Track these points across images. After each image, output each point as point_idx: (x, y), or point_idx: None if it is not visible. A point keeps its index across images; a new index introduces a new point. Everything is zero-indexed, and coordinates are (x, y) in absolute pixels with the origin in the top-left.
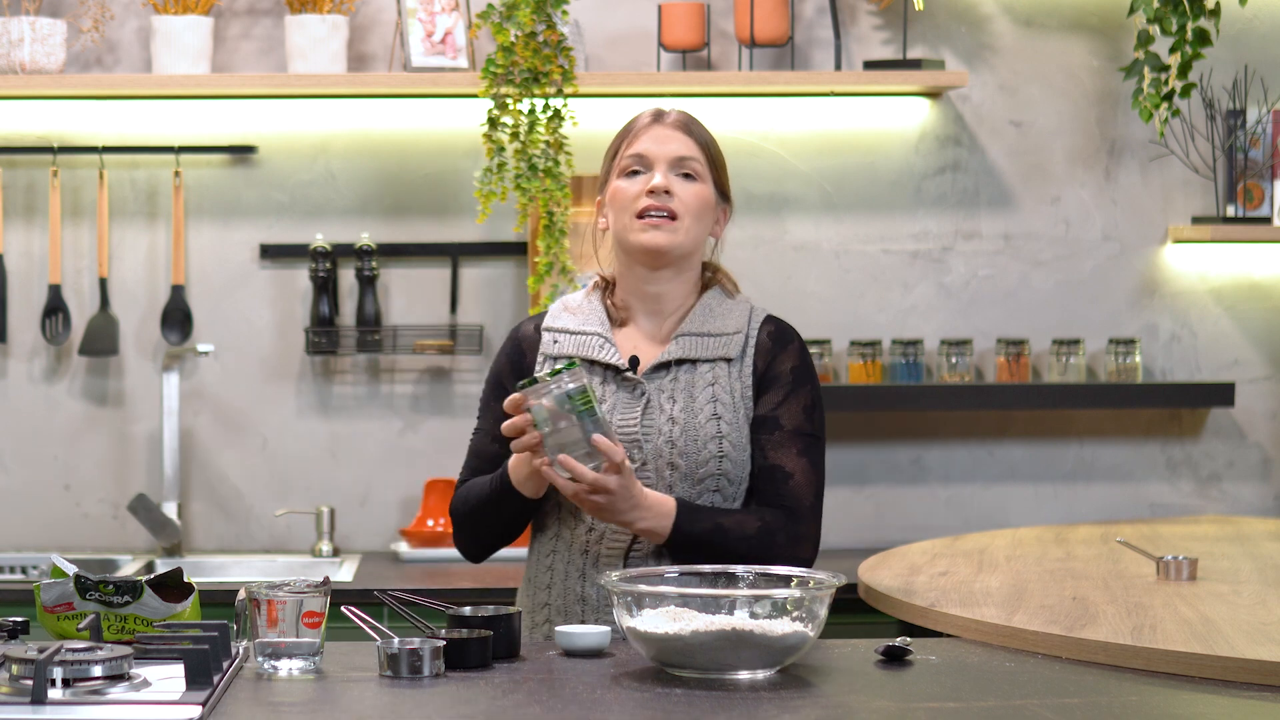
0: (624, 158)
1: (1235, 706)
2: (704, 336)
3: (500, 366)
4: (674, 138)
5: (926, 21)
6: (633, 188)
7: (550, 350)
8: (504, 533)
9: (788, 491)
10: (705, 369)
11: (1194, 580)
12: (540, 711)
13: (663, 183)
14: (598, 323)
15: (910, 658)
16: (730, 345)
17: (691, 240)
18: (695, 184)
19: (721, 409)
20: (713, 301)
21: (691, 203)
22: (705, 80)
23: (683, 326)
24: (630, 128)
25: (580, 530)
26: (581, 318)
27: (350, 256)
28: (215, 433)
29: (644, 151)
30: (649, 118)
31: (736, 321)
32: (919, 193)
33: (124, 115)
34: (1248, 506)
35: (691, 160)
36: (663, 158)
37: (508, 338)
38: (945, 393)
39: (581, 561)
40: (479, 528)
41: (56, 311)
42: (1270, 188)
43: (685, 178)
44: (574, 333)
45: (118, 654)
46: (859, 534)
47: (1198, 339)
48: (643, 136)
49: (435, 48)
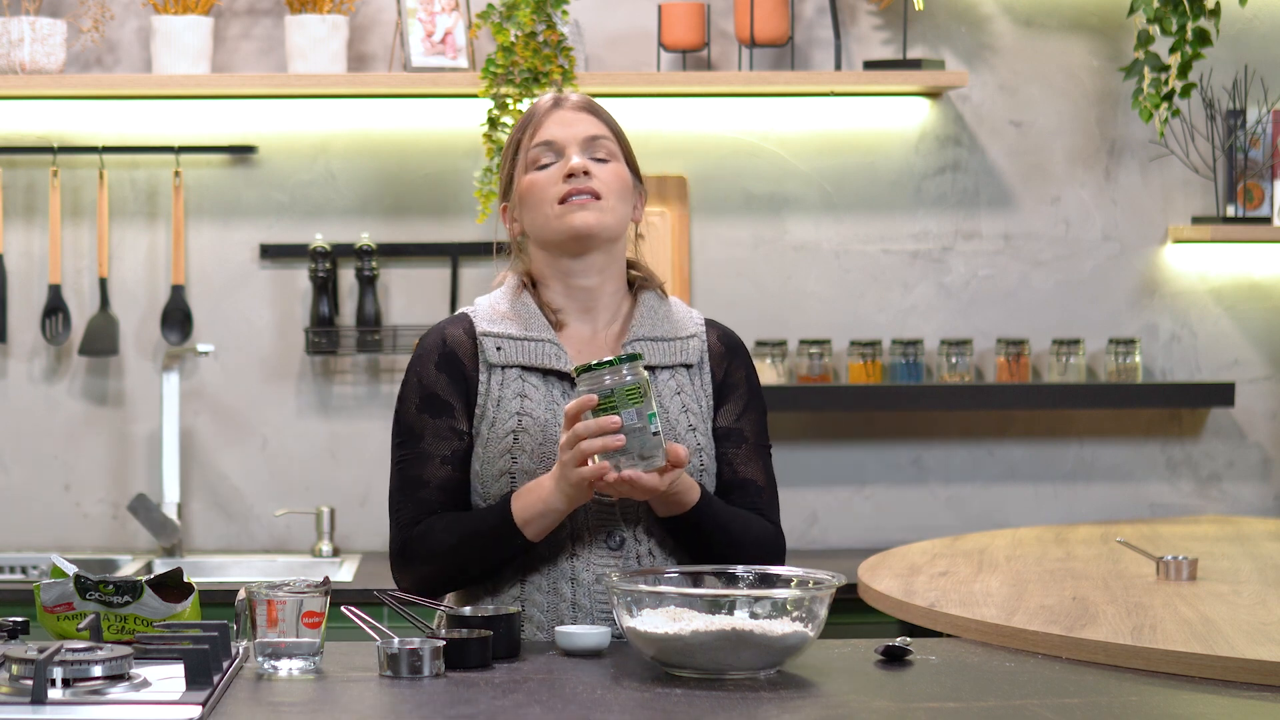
0: (530, 149)
1: (1235, 706)
2: (658, 341)
3: (430, 378)
4: (580, 119)
5: (926, 21)
6: (547, 176)
7: (495, 359)
8: (483, 576)
9: (764, 505)
10: (666, 376)
11: (1194, 580)
12: (540, 711)
13: (580, 163)
14: (542, 327)
15: (910, 658)
16: (688, 350)
17: (618, 221)
18: (611, 164)
19: (694, 419)
20: (653, 302)
21: (612, 182)
22: (705, 80)
23: (632, 330)
24: (530, 118)
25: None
26: (522, 322)
27: (350, 256)
28: (215, 433)
29: (552, 138)
30: (549, 104)
31: (686, 324)
32: (919, 193)
33: (124, 115)
34: (1248, 506)
35: (603, 140)
36: (573, 140)
37: (429, 346)
38: (945, 393)
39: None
40: (459, 568)
41: (56, 311)
42: (1270, 188)
43: (599, 161)
44: (520, 339)
45: (118, 654)
46: (859, 534)
47: (1198, 339)
48: (546, 123)
49: (435, 48)
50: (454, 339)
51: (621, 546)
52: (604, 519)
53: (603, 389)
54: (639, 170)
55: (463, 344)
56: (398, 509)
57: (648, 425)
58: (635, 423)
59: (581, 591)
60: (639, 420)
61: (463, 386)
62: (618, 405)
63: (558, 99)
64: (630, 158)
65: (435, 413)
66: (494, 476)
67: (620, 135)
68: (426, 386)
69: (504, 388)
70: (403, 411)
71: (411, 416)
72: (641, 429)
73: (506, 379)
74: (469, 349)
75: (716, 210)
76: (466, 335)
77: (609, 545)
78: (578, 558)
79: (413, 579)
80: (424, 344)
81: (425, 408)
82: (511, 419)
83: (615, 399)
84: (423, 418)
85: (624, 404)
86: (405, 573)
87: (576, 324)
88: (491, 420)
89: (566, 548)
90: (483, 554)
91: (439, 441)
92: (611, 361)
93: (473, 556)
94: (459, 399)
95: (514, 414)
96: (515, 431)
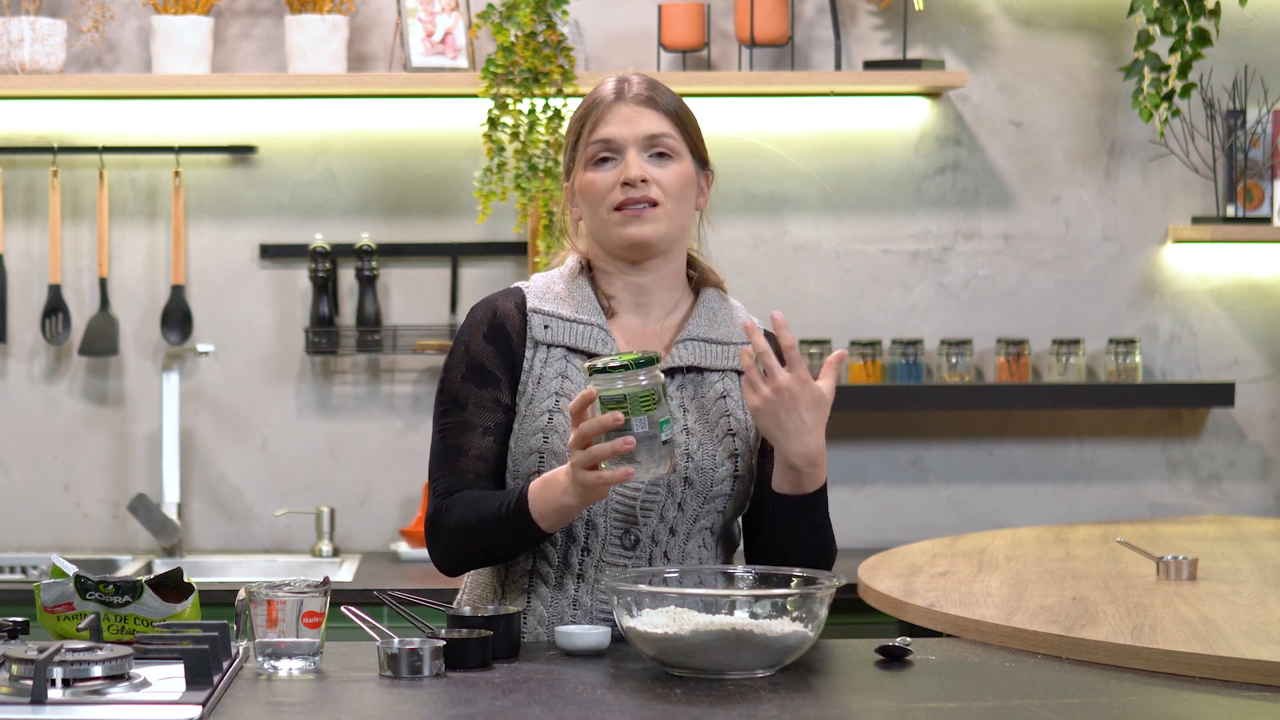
0: (590, 144)
1: (1235, 706)
2: (712, 344)
3: (478, 348)
4: (641, 115)
5: (926, 21)
6: (605, 179)
7: (542, 336)
8: (505, 557)
9: None
10: (715, 379)
11: (1194, 580)
12: (540, 711)
13: (637, 172)
14: (594, 311)
15: (910, 658)
16: (739, 356)
17: (676, 225)
18: (672, 163)
19: (735, 424)
20: (714, 304)
21: (671, 186)
22: (705, 80)
23: (687, 329)
24: (592, 108)
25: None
26: (574, 304)
27: (350, 256)
28: (215, 433)
29: (611, 136)
30: (611, 95)
31: (740, 330)
32: (919, 193)
33: (124, 115)
34: (1248, 506)
35: (664, 137)
36: (633, 139)
37: (479, 317)
38: (945, 393)
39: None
40: (479, 548)
41: (56, 311)
42: (1270, 188)
43: (660, 157)
44: (569, 320)
45: (118, 654)
46: (859, 534)
47: (1198, 339)
48: (608, 117)
49: (435, 48)
50: (504, 311)
51: (636, 546)
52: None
53: (614, 393)
54: (705, 153)
55: (512, 317)
56: (436, 478)
57: (659, 433)
58: (646, 430)
59: (585, 589)
60: (650, 428)
61: (509, 360)
62: (630, 411)
63: (620, 87)
64: (695, 144)
65: (480, 383)
66: (524, 454)
67: (685, 122)
68: (474, 356)
69: (547, 366)
70: (448, 380)
71: (456, 385)
72: (652, 436)
73: (551, 358)
74: (518, 323)
75: (716, 210)
76: (517, 310)
77: (623, 544)
78: (589, 554)
79: (438, 552)
80: (474, 315)
81: (470, 377)
82: (549, 398)
83: (628, 404)
84: (467, 386)
85: (636, 410)
86: (433, 544)
87: (629, 315)
88: (530, 398)
89: (580, 542)
90: (500, 539)
91: (482, 412)
92: (626, 365)
93: (490, 540)
94: (505, 371)
95: (552, 394)
96: (551, 411)
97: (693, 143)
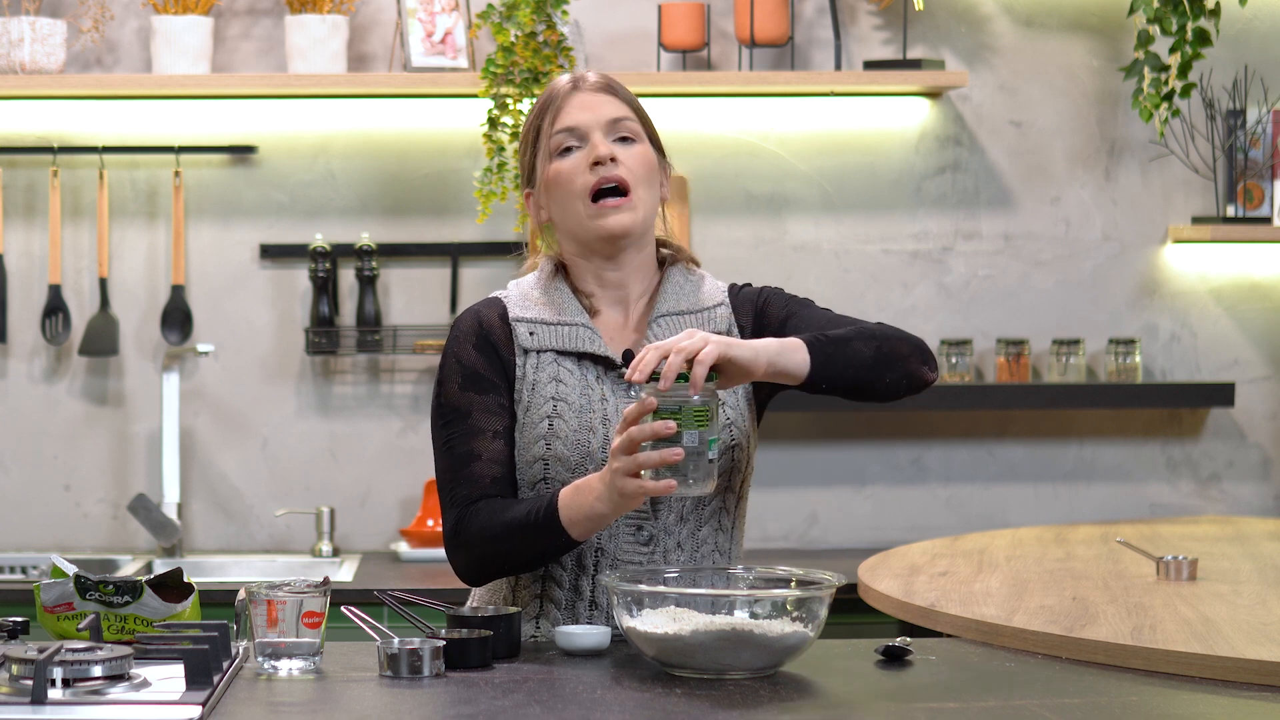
0: (553, 136)
1: (1235, 706)
2: (683, 315)
3: (470, 358)
4: (601, 101)
5: (926, 21)
6: (573, 165)
7: (529, 343)
8: (531, 565)
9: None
10: None
11: (1194, 580)
12: (540, 711)
13: (605, 150)
14: (575, 311)
15: (910, 658)
16: (715, 320)
17: (649, 211)
18: (636, 146)
19: (724, 393)
20: (679, 277)
21: (639, 169)
22: (705, 80)
23: (656, 308)
24: (549, 102)
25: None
26: (555, 307)
27: (350, 256)
28: (215, 433)
29: (575, 123)
30: (567, 86)
31: (713, 294)
32: (919, 193)
33: (124, 115)
34: (1248, 506)
35: (626, 121)
36: (596, 124)
37: (465, 329)
38: (945, 393)
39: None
40: (507, 557)
41: (56, 311)
42: (1270, 188)
43: (624, 141)
44: (554, 324)
45: (118, 654)
46: (859, 534)
47: (1198, 339)
48: (567, 107)
49: (435, 48)
50: (489, 321)
51: (650, 542)
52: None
53: (670, 404)
54: (661, 144)
55: (497, 327)
56: (451, 488)
57: (706, 450)
58: (695, 445)
59: (598, 588)
60: (699, 444)
61: (501, 368)
62: (682, 424)
63: (575, 80)
64: (653, 134)
65: (480, 390)
66: (528, 463)
67: (641, 112)
68: (468, 366)
69: (539, 371)
70: (445, 394)
71: (455, 396)
72: (700, 453)
73: (542, 362)
74: (504, 333)
75: (716, 210)
76: (500, 320)
77: (638, 540)
78: (603, 552)
79: (464, 561)
80: (459, 327)
81: (469, 386)
82: (546, 404)
83: (681, 416)
84: (467, 395)
85: (688, 424)
86: (458, 554)
87: (609, 309)
88: (527, 405)
89: (593, 541)
90: (529, 547)
91: (488, 416)
92: (685, 376)
93: (519, 548)
94: (500, 378)
95: (549, 399)
96: (550, 417)
97: (650, 131)
